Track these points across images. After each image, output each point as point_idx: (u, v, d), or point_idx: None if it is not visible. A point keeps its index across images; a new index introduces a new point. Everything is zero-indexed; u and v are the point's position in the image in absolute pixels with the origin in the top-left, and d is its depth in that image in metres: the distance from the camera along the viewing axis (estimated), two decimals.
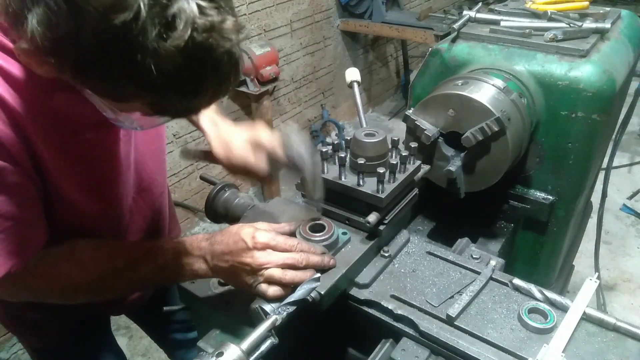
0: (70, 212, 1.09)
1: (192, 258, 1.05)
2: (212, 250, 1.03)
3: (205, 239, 1.05)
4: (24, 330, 1.48)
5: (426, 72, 1.56)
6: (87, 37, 0.68)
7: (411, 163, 1.18)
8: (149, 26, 0.67)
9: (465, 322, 1.01)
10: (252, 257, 0.99)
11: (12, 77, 0.89)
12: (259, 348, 0.88)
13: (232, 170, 1.24)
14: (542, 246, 1.63)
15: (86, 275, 1.06)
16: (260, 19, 3.80)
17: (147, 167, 1.29)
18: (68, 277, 1.06)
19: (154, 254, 1.07)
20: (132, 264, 1.06)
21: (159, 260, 1.06)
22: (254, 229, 1.02)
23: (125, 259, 1.07)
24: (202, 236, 1.07)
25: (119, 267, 1.07)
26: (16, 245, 0.97)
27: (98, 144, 1.07)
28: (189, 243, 1.06)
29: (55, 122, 0.96)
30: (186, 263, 1.05)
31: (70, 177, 1.03)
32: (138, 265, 1.06)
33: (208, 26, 0.72)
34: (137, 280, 1.08)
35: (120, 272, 1.07)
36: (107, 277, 1.07)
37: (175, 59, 0.71)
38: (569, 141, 1.38)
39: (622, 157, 4.35)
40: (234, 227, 1.04)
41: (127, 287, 1.16)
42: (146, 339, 2.95)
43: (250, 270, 0.99)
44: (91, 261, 1.07)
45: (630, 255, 3.47)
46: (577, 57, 1.34)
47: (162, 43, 0.69)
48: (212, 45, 0.73)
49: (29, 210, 0.98)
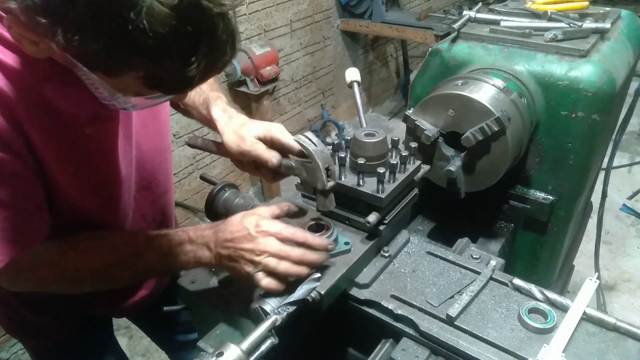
0: (67, 206, 1.08)
1: (196, 246, 1.06)
2: (215, 237, 1.03)
3: (209, 228, 1.06)
4: (24, 333, 1.47)
5: (426, 72, 1.56)
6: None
7: (411, 163, 1.18)
8: None
9: (465, 322, 1.01)
10: (254, 243, 0.99)
11: (5, 66, 0.88)
12: (259, 348, 0.88)
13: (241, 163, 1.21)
14: (542, 246, 1.63)
15: (92, 264, 1.07)
16: (260, 19, 3.80)
17: (147, 165, 1.28)
18: (74, 267, 1.06)
19: (158, 242, 1.07)
20: (136, 252, 1.07)
21: (163, 248, 1.07)
22: (257, 216, 1.03)
23: (129, 247, 1.08)
24: (206, 225, 1.08)
25: (123, 255, 1.08)
26: (18, 235, 0.98)
27: (96, 139, 1.06)
28: (193, 231, 1.07)
29: (51, 114, 0.95)
30: (190, 250, 1.06)
31: (66, 171, 1.03)
32: (142, 254, 1.07)
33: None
34: (141, 268, 1.09)
35: (125, 260, 1.08)
36: (112, 266, 1.08)
37: (169, 20, 0.70)
38: (569, 141, 1.38)
39: (622, 157, 4.35)
40: (238, 216, 1.05)
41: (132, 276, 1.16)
42: (146, 339, 2.94)
43: (250, 256, 0.99)
44: (97, 250, 1.08)
45: (630, 255, 3.47)
46: (577, 57, 1.34)
47: (155, 2, 0.68)
48: (206, 7, 0.73)
49: (30, 200, 0.98)
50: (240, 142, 1.15)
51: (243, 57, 3.38)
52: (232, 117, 1.23)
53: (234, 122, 1.21)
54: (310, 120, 4.76)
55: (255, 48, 3.43)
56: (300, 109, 4.59)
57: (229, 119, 1.23)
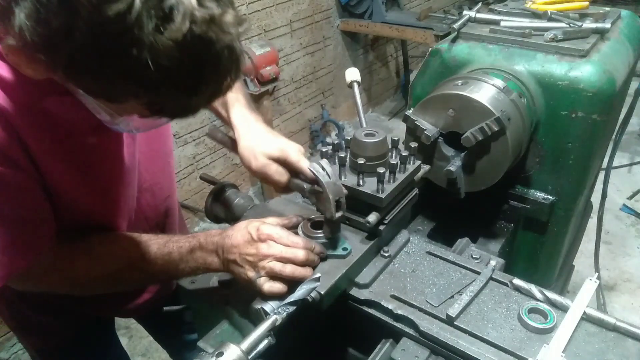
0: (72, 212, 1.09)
1: (206, 252, 1.07)
2: (222, 243, 1.04)
3: (218, 234, 1.07)
4: (27, 330, 1.48)
5: (426, 72, 1.56)
6: (79, 32, 0.64)
7: (411, 163, 1.18)
8: (144, 18, 0.64)
9: (465, 322, 1.01)
10: (256, 248, 1.00)
11: (3, 79, 0.86)
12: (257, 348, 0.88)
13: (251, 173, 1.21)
14: (542, 246, 1.63)
15: (103, 268, 1.08)
16: (260, 19, 3.80)
17: (148, 168, 1.28)
18: (85, 272, 1.07)
19: (169, 248, 1.08)
20: (147, 258, 1.08)
21: (174, 254, 1.07)
22: (260, 222, 1.05)
23: (140, 252, 1.08)
24: (216, 231, 1.08)
25: (135, 260, 1.08)
26: (24, 245, 0.98)
27: (101, 149, 1.06)
28: (203, 237, 1.08)
29: (51, 125, 0.94)
30: (200, 257, 1.07)
31: (70, 179, 1.03)
32: (154, 259, 1.08)
33: (207, 19, 0.69)
34: (152, 273, 1.09)
35: (136, 265, 1.08)
36: (123, 270, 1.09)
37: (173, 53, 0.68)
38: (569, 141, 1.38)
39: (622, 157, 4.35)
40: (244, 222, 1.07)
41: (142, 280, 1.17)
42: (146, 339, 2.95)
43: (253, 261, 1.00)
44: (108, 256, 1.09)
45: (630, 255, 3.47)
46: (577, 57, 1.34)
47: (159, 36, 0.66)
48: (211, 39, 0.70)
49: (34, 210, 0.99)
50: (252, 159, 1.16)
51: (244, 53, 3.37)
52: (250, 127, 1.22)
53: (252, 133, 1.20)
54: (310, 120, 4.76)
55: (255, 48, 3.43)
56: (300, 109, 4.59)
57: (248, 128, 1.22)
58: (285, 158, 1.13)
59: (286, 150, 1.14)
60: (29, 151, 0.93)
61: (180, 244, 1.08)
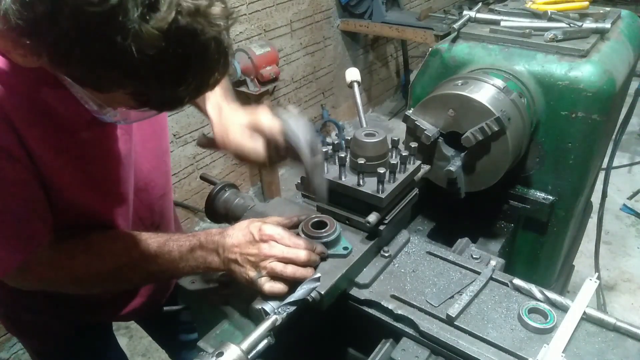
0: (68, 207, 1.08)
1: (206, 251, 1.06)
2: (223, 243, 1.04)
3: (218, 233, 1.07)
4: (23, 332, 1.48)
5: (426, 72, 1.56)
6: (64, 17, 0.64)
7: (411, 163, 1.18)
8: (130, 6, 0.64)
9: (465, 322, 1.01)
10: (257, 248, 1.00)
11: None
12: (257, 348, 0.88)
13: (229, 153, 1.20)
14: (542, 246, 1.63)
15: (103, 266, 1.08)
16: (260, 19, 3.80)
17: (143, 166, 1.27)
18: (85, 269, 1.07)
19: (169, 246, 1.08)
20: (148, 257, 1.07)
21: (174, 252, 1.07)
22: (262, 222, 1.05)
23: (141, 251, 1.08)
24: (216, 230, 1.08)
25: (135, 259, 1.08)
26: (21, 240, 0.98)
27: (95, 144, 1.06)
28: (204, 236, 1.08)
29: (47, 117, 0.94)
30: (200, 256, 1.07)
31: (65, 173, 1.03)
32: (154, 258, 1.07)
33: (193, 9, 0.69)
34: (152, 271, 1.09)
35: (137, 263, 1.08)
36: (123, 269, 1.08)
37: (158, 42, 0.67)
38: (569, 141, 1.38)
39: (622, 157, 4.35)
40: (245, 222, 1.07)
41: (142, 278, 1.16)
42: (146, 339, 2.95)
43: (254, 261, 1.00)
44: (108, 253, 1.08)
45: (630, 255, 3.47)
46: (577, 57, 1.34)
47: (144, 25, 0.66)
48: (197, 30, 0.70)
49: (30, 203, 0.98)
50: (225, 137, 1.15)
51: (243, 57, 3.38)
52: (222, 110, 1.22)
53: (223, 115, 1.20)
54: (310, 120, 4.75)
55: (255, 48, 3.42)
56: (300, 109, 4.59)
57: (219, 112, 1.22)
58: (256, 123, 1.11)
59: (255, 114, 1.13)
60: (24, 142, 0.92)
61: (180, 243, 1.08)
